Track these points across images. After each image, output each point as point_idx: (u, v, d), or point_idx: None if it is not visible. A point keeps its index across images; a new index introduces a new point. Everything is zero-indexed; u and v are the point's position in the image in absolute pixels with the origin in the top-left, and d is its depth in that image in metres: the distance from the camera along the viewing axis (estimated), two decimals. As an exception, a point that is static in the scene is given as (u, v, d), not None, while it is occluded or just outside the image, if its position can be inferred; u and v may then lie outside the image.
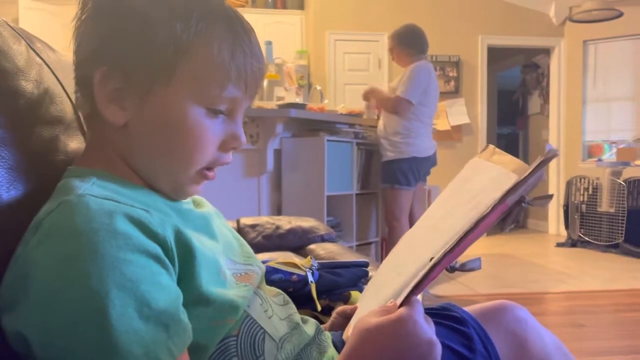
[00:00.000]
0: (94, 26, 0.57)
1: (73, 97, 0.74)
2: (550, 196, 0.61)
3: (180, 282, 0.52)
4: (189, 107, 0.57)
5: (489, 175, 0.62)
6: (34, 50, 0.71)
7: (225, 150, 0.61)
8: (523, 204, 0.54)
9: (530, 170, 0.52)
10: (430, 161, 3.26)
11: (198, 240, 0.57)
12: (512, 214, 0.54)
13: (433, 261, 0.52)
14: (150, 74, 0.56)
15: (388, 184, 3.16)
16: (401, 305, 0.52)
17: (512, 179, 0.54)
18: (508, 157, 0.61)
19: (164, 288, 0.49)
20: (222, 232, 0.68)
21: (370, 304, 0.63)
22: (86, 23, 0.58)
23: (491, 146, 0.67)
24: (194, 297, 0.53)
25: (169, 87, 0.56)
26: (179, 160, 0.59)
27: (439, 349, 0.51)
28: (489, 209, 0.51)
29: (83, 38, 0.58)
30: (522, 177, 0.52)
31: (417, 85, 3.07)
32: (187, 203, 0.65)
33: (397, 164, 3.13)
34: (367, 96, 3.39)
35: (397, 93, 3.10)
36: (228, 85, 0.58)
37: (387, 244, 3.37)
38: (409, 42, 3.21)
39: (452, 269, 0.61)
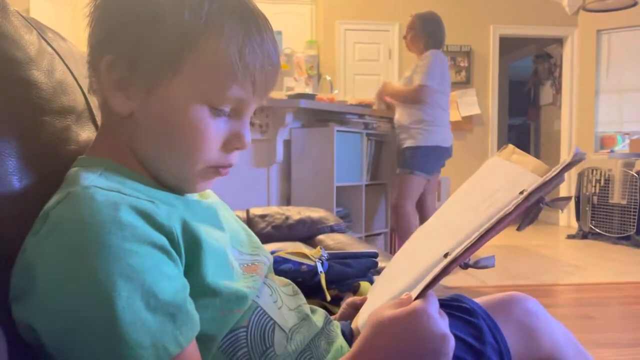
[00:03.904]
0: (105, 12, 0.57)
1: (85, 87, 0.74)
2: (569, 198, 0.61)
3: (187, 273, 0.52)
4: (192, 104, 0.56)
5: (507, 174, 0.62)
6: (45, 40, 0.71)
7: (228, 150, 0.60)
8: (541, 205, 0.53)
9: (558, 170, 0.52)
10: (448, 152, 3.20)
11: (205, 232, 0.57)
12: (530, 215, 0.54)
13: (452, 257, 0.52)
14: (155, 65, 0.55)
15: (407, 169, 3.07)
16: (416, 298, 0.53)
17: (531, 179, 0.54)
18: (528, 157, 0.61)
19: (170, 279, 0.49)
20: (228, 223, 0.68)
21: (381, 296, 0.63)
22: (99, 8, 0.57)
23: (511, 145, 0.67)
24: (201, 288, 0.53)
25: (174, 81, 0.55)
26: (181, 156, 0.58)
27: (452, 343, 0.51)
28: (513, 207, 0.51)
29: (96, 24, 0.58)
30: (550, 177, 0.52)
31: (435, 71, 2.99)
32: (192, 194, 0.65)
33: (419, 150, 3.03)
34: (381, 95, 3.30)
35: (416, 82, 3.00)
36: (233, 85, 0.56)
37: (397, 233, 3.33)
38: (430, 32, 3.08)
39: (466, 266, 0.61)
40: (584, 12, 5.54)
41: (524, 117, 7.64)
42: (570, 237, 5.24)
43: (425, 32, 3.08)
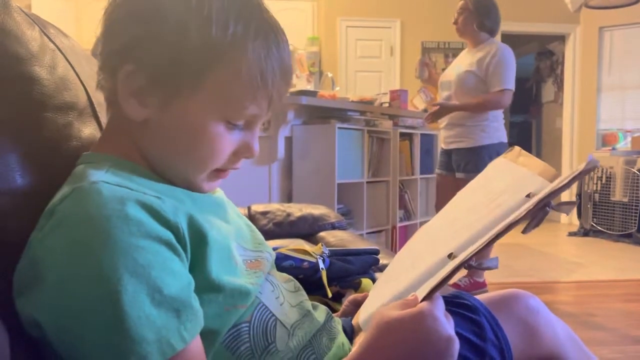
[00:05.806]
0: (128, 19, 0.56)
1: (87, 83, 0.74)
2: (574, 202, 0.62)
3: (192, 268, 0.53)
4: (210, 120, 0.57)
5: (513, 176, 0.62)
6: (47, 36, 0.71)
7: (237, 158, 0.62)
8: (547, 209, 0.54)
9: (571, 178, 0.52)
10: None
11: (211, 225, 0.57)
12: (535, 218, 0.54)
13: (460, 260, 0.52)
14: (177, 80, 0.55)
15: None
16: (422, 300, 0.53)
17: (538, 182, 0.54)
18: (534, 160, 0.62)
19: (175, 274, 0.49)
20: (233, 219, 0.68)
21: (382, 294, 0.63)
22: (120, 11, 0.56)
23: (517, 148, 0.68)
24: (206, 284, 0.54)
25: (193, 97, 0.56)
26: (193, 164, 0.59)
27: (457, 345, 0.52)
28: (524, 212, 0.52)
29: (115, 27, 0.57)
30: (562, 184, 0.53)
31: (512, 70, 2.74)
32: None
33: (486, 150, 2.72)
34: (438, 116, 2.87)
35: (496, 88, 2.69)
36: (252, 105, 0.58)
37: None
38: (484, 9, 2.75)
39: (470, 267, 0.61)
40: (586, 9, 5.53)
41: (525, 115, 7.62)
42: (571, 234, 5.24)
43: (478, 11, 2.76)
